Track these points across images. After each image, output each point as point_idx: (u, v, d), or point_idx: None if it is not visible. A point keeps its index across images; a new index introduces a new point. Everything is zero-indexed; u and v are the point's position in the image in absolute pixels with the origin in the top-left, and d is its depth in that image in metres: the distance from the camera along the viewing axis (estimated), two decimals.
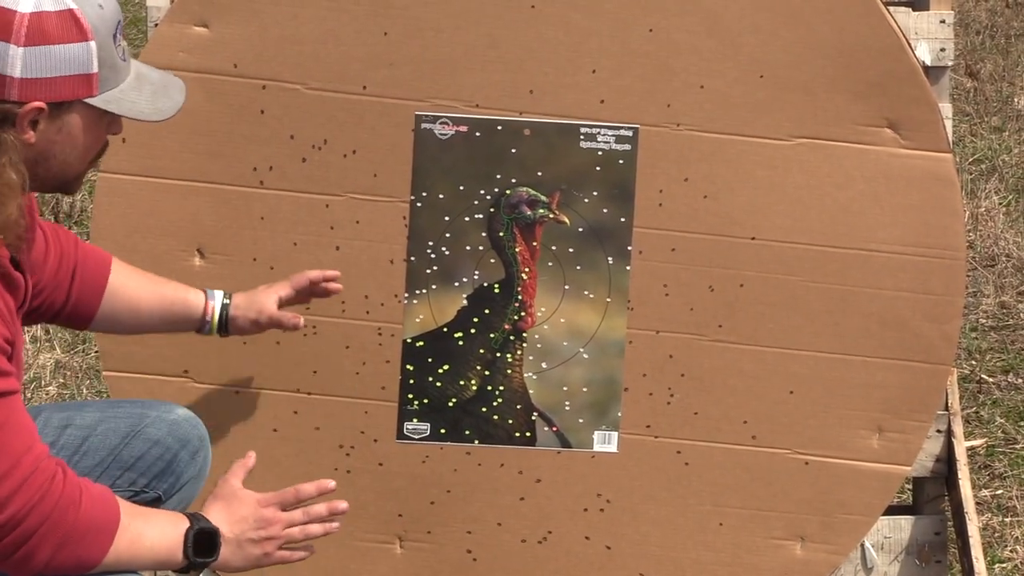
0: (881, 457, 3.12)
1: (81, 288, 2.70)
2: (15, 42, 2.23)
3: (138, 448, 2.67)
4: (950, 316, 3.09)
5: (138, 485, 2.67)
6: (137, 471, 2.67)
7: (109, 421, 2.68)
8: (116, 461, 2.66)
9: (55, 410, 2.72)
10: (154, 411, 2.72)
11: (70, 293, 2.68)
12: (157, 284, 2.82)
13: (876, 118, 3.04)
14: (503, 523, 3.14)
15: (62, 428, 2.66)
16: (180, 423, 2.72)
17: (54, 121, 2.29)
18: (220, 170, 3.04)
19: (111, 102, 2.32)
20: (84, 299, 2.71)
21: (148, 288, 2.80)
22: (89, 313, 2.73)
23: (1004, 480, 4.12)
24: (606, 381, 3.11)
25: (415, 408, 3.11)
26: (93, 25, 2.27)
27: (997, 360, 4.76)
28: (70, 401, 2.77)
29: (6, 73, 2.23)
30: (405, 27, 3.01)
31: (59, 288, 2.66)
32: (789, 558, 3.15)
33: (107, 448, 2.66)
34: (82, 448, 2.65)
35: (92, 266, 2.72)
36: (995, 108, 6.84)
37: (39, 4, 2.25)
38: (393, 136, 3.04)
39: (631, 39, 3.02)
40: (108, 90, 2.32)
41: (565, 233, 3.08)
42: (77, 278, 2.68)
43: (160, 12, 3.17)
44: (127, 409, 2.72)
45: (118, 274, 2.75)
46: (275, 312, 2.87)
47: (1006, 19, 8.05)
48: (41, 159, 2.31)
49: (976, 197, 5.82)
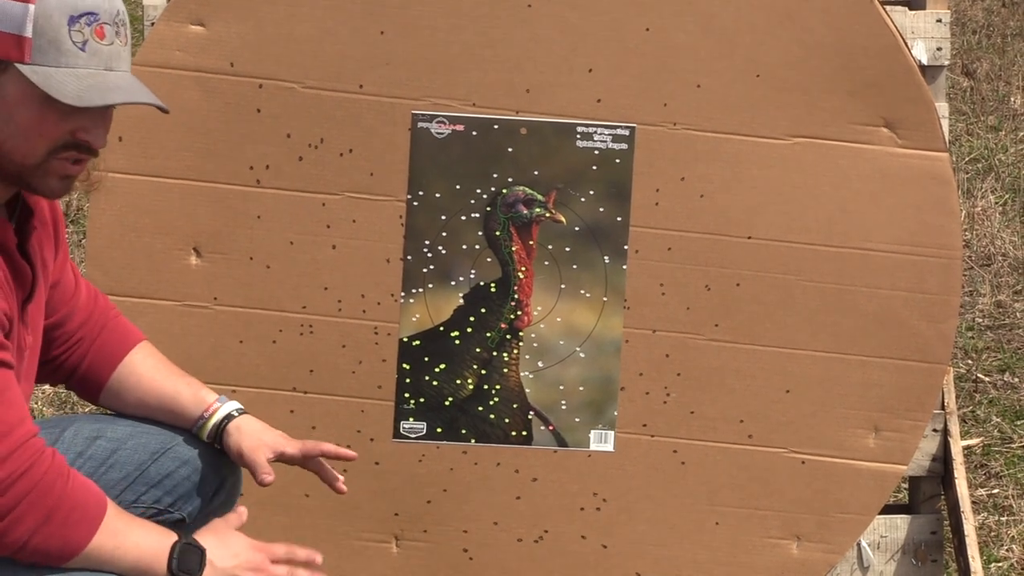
0: (877, 456, 3.12)
1: (100, 350, 2.65)
2: None
3: (166, 466, 2.63)
4: (946, 315, 3.09)
5: (163, 503, 2.62)
6: (163, 489, 2.62)
7: (140, 436, 2.64)
8: (143, 477, 2.62)
9: (88, 421, 2.68)
10: (187, 433, 2.68)
11: (88, 352, 2.64)
12: (173, 376, 2.71)
13: (873, 117, 3.04)
14: (499, 522, 3.14)
15: (92, 439, 2.62)
16: (212, 447, 2.67)
17: None
18: (217, 169, 3.04)
19: (38, 74, 2.27)
20: (99, 362, 2.66)
21: (162, 375, 2.70)
22: (100, 380, 2.67)
23: (1000, 479, 4.12)
24: (602, 380, 3.11)
25: (411, 407, 3.11)
26: None
27: (993, 359, 4.77)
28: (102, 414, 2.74)
29: None
30: (401, 26, 3.01)
31: (82, 342, 2.64)
32: (785, 557, 3.15)
33: (135, 463, 2.62)
34: (109, 460, 2.61)
35: (119, 336, 2.67)
36: (991, 107, 6.85)
37: None
38: (389, 135, 3.04)
39: (628, 38, 3.02)
40: (43, 65, 2.28)
41: (561, 232, 3.08)
42: (99, 340, 2.65)
43: (157, 11, 3.17)
44: (161, 427, 2.68)
45: (141, 351, 2.69)
46: (259, 461, 2.64)
47: (1002, 18, 8.06)
48: None
49: (972, 196, 5.82)
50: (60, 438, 2.55)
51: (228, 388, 3.08)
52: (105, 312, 2.67)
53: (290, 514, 3.11)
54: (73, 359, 2.64)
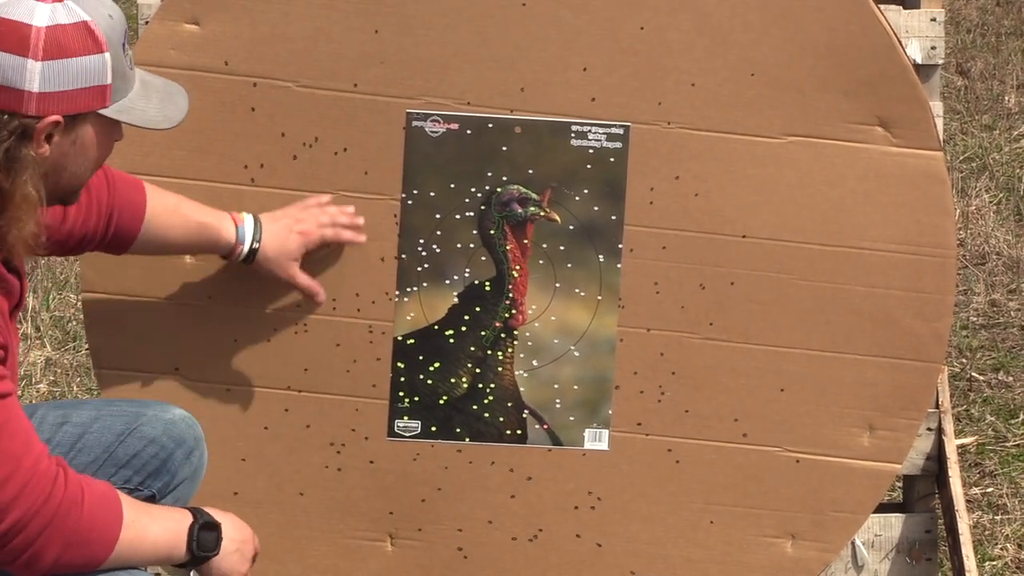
0: (872, 455, 3.12)
1: (118, 228, 2.75)
2: (33, 56, 2.22)
3: (133, 446, 2.67)
4: (941, 314, 3.09)
5: (132, 483, 2.67)
6: (132, 468, 2.67)
7: (105, 419, 2.68)
8: (111, 458, 2.66)
9: (51, 408, 2.72)
10: (150, 410, 2.72)
11: (106, 234, 2.73)
12: (189, 215, 2.85)
13: (867, 116, 3.04)
14: (494, 521, 3.14)
15: (58, 425, 2.66)
16: (176, 422, 2.72)
17: (68, 134, 2.29)
18: (211, 168, 3.04)
19: (122, 111, 2.32)
20: (121, 235, 2.77)
21: (180, 221, 2.83)
22: (125, 246, 2.80)
23: (995, 478, 4.13)
24: (597, 379, 3.11)
25: (406, 406, 3.11)
26: (107, 36, 2.28)
27: (987, 358, 4.77)
28: (66, 399, 2.78)
29: (24, 88, 2.22)
30: (396, 25, 3.01)
31: (89, 233, 2.72)
32: (780, 556, 3.15)
33: (102, 446, 2.66)
34: (77, 445, 2.65)
35: (129, 210, 2.76)
36: (986, 106, 6.85)
37: (54, 17, 2.24)
38: (384, 134, 3.04)
39: (622, 37, 3.02)
40: (119, 100, 2.32)
41: (556, 231, 3.08)
42: (113, 223, 2.73)
43: (151, 9, 3.17)
44: (123, 408, 2.72)
45: (153, 208, 2.79)
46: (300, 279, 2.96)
47: (997, 17, 8.06)
48: (53, 172, 2.30)
49: (967, 195, 5.83)
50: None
51: (222, 386, 3.08)
52: (106, 195, 2.73)
53: (285, 512, 3.11)
54: (88, 243, 2.74)
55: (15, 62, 2.21)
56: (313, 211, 2.94)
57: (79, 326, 4.83)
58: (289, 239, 2.92)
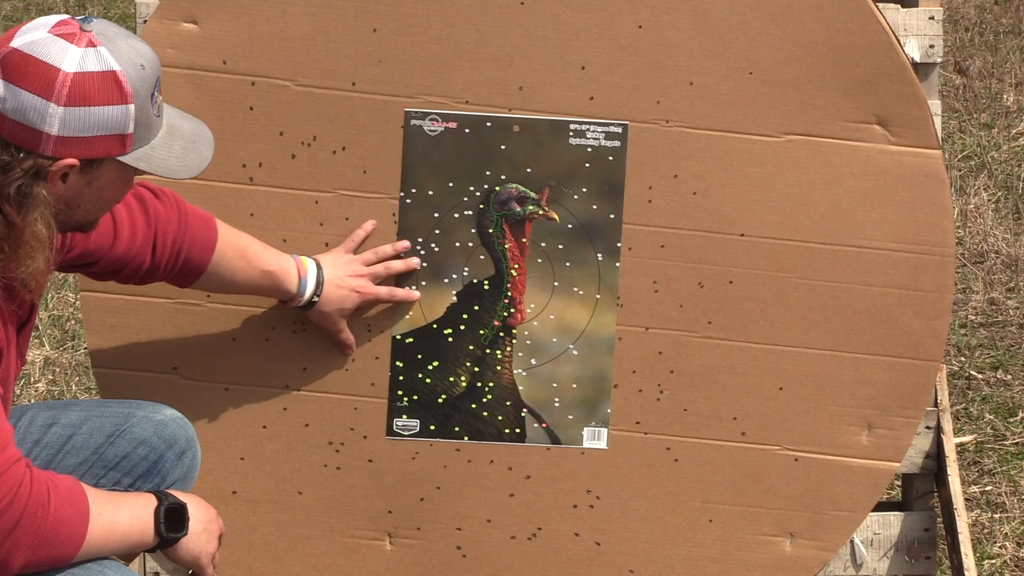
0: (870, 453, 3.12)
1: (186, 263, 2.78)
2: (56, 101, 2.24)
3: (123, 447, 2.67)
4: (939, 312, 3.09)
5: (122, 484, 2.66)
6: (121, 470, 2.66)
7: (95, 420, 2.68)
8: (100, 460, 2.66)
9: (42, 409, 2.72)
10: (141, 411, 2.72)
11: (174, 267, 2.76)
12: (255, 260, 2.87)
13: (865, 115, 3.04)
14: (493, 519, 3.14)
15: (47, 427, 2.66)
16: (167, 423, 2.72)
17: (84, 175, 2.32)
18: (210, 166, 3.03)
19: (141, 159, 2.35)
20: (188, 270, 2.80)
21: (246, 265, 2.86)
22: (191, 280, 2.83)
23: (993, 476, 4.13)
24: (596, 377, 3.11)
25: (405, 405, 3.11)
26: (134, 88, 2.30)
27: (986, 356, 4.77)
28: (58, 400, 2.77)
29: (43, 130, 2.25)
30: (394, 24, 3.01)
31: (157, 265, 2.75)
32: (779, 554, 3.15)
33: (91, 447, 2.66)
34: (66, 447, 2.64)
35: (199, 246, 2.79)
36: (984, 105, 6.85)
37: (83, 64, 2.26)
38: (382, 132, 3.04)
39: (620, 36, 3.02)
40: (140, 147, 2.34)
41: (554, 229, 3.08)
42: (182, 257, 2.76)
43: (149, 8, 3.17)
44: (114, 409, 2.72)
45: (223, 248, 2.82)
46: (344, 335, 3.02)
47: (995, 16, 8.07)
48: (66, 208, 2.34)
49: (965, 194, 5.83)
50: (15, 428, 2.57)
51: (221, 386, 3.08)
52: (177, 227, 2.76)
53: (283, 511, 3.11)
54: (141, 272, 2.76)
55: (38, 104, 2.25)
56: (368, 258, 3.00)
57: (78, 325, 4.83)
58: (348, 298, 2.97)
